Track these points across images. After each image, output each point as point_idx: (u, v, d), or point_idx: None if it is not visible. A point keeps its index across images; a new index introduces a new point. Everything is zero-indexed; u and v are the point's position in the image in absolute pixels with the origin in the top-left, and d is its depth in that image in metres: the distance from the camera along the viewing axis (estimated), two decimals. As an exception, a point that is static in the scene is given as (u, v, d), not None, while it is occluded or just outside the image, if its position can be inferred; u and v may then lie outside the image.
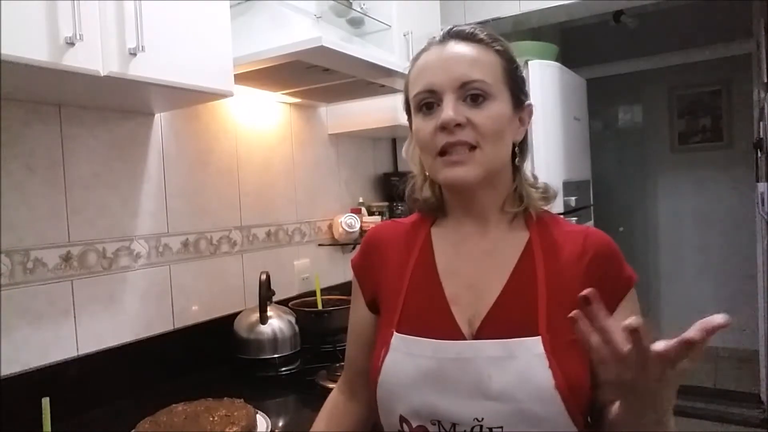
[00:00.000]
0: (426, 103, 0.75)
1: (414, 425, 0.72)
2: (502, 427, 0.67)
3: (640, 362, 0.52)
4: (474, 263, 0.77)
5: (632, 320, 0.50)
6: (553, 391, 0.66)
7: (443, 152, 0.73)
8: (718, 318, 0.49)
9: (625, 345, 0.52)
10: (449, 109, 0.72)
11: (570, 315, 0.55)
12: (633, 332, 0.50)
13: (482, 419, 0.68)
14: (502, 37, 0.79)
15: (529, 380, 0.67)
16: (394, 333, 0.75)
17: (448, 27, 0.78)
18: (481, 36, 0.76)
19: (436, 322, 0.74)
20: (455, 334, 0.72)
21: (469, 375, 0.69)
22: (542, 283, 0.72)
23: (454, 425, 0.69)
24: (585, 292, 0.53)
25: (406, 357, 0.73)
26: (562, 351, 0.68)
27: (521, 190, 0.79)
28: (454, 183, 0.75)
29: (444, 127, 0.72)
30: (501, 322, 0.71)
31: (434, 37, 0.79)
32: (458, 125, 0.72)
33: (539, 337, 0.68)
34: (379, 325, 0.82)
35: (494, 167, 0.75)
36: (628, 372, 0.53)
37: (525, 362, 0.68)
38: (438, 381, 0.70)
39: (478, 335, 0.72)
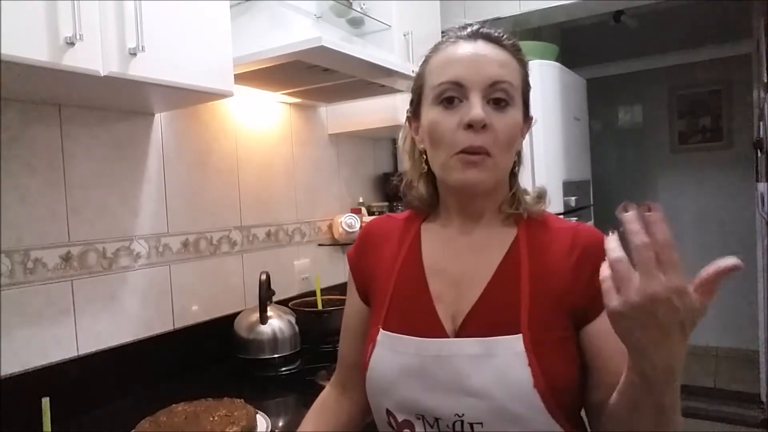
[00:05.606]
0: (448, 96, 0.73)
1: (400, 419, 0.74)
2: (482, 423, 0.68)
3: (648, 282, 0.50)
4: (460, 261, 0.77)
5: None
6: (532, 389, 0.66)
7: (461, 151, 0.71)
8: (730, 260, 0.48)
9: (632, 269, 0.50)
10: (478, 108, 0.70)
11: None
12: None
13: (463, 415, 0.69)
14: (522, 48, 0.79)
15: (507, 378, 0.67)
16: (381, 330, 0.76)
17: (477, 26, 0.78)
18: (507, 43, 0.77)
19: (421, 319, 0.75)
20: (438, 331, 0.73)
21: (449, 372, 0.70)
22: (526, 281, 0.72)
23: (437, 420, 0.71)
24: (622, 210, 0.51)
25: (391, 353, 0.74)
26: (544, 349, 0.68)
27: (519, 195, 0.80)
28: (466, 184, 0.73)
29: (470, 126, 0.70)
30: (483, 319, 0.72)
31: (461, 32, 0.77)
32: (483, 126, 0.70)
33: (520, 335, 0.68)
34: (369, 320, 0.83)
35: (501, 175, 0.76)
36: (636, 295, 0.50)
37: (504, 361, 0.68)
38: (420, 377, 0.71)
39: (460, 332, 0.72)
